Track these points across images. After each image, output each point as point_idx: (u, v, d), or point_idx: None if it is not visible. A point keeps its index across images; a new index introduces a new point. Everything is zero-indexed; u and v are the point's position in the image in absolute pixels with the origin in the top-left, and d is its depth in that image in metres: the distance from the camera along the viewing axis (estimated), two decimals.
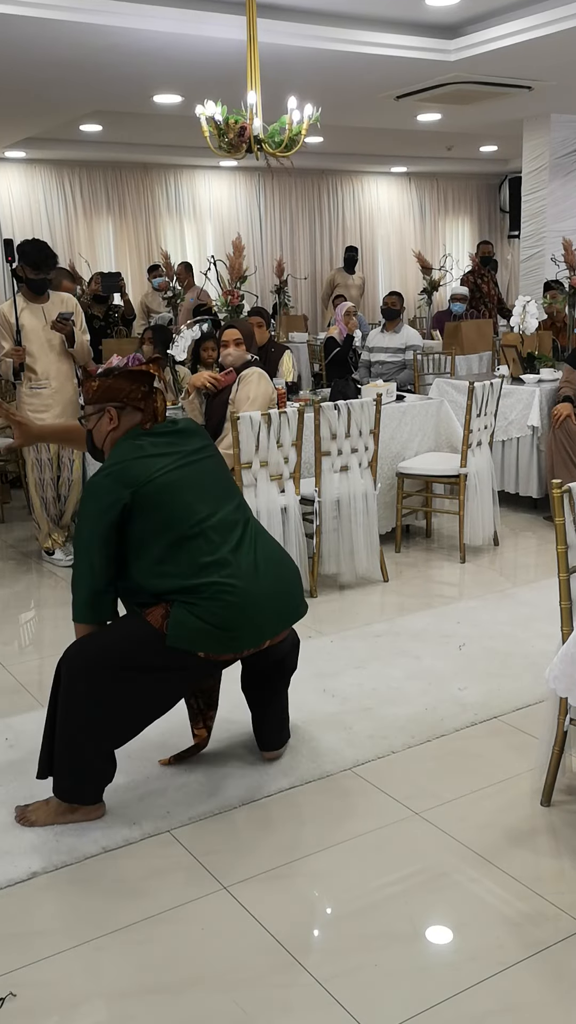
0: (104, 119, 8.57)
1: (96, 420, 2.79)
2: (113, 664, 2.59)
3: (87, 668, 2.59)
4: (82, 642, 2.67)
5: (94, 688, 2.58)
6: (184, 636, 2.57)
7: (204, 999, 2.06)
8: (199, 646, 2.59)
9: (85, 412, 2.83)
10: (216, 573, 2.61)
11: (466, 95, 7.41)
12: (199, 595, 2.59)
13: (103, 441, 2.80)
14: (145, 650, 2.60)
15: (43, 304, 5.08)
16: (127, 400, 2.75)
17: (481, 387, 5.00)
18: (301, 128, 4.85)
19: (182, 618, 2.57)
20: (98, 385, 2.77)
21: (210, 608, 2.58)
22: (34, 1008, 2.05)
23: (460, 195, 14.18)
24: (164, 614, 2.59)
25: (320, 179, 12.82)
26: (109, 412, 2.76)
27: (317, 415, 4.45)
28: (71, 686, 2.60)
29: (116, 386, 2.76)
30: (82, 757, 2.63)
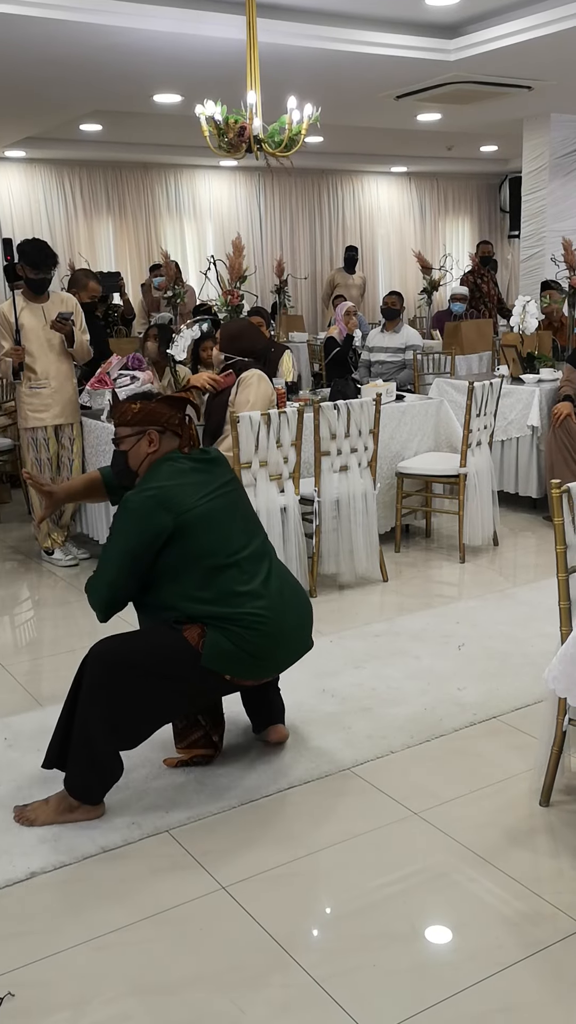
0: (104, 119, 8.57)
1: (134, 442, 2.82)
2: (141, 668, 2.64)
3: (115, 667, 2.63)
4: (112, 641, 2.71)
5: (118, 688, 2.62)
6: (219, 658, 2.66)
7: (202, 999, 2.06)
8: (229, 669, 2.69)
9: (119, 433, 2.84)
10: (250, 603, 2.71)
11: (466, 95, 7.41)
12: (236, 623, 2.68)
13: (140, 463, 2.83)
14: (177, 663, 2.66)
15: (43, 304, 5.08)
16: (167, 424, 2.82)
17: (481, 387, 5.00)
18: (301, 128, 4.85)
19: (219, 641, 2.66)
20: (139, 408, 2.82)
21: (246, 636, 2.68)
22: (33, 1008, 2.05)
23: (460, 195, 14.17)
24: (201, 633, 2.67)
25: (320, 179, 12.82)
26: (151, 435, 2.81)
27: (317, 415, 4.45)
28: (96, 683, 2.63)
29: (158, 410, 2.82)
30: (97, 754, 2.66)
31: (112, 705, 2.62)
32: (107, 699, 2.62)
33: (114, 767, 2.70)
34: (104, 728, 2.63)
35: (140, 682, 2.63)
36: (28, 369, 5.05)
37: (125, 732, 2.69)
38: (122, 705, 2.63)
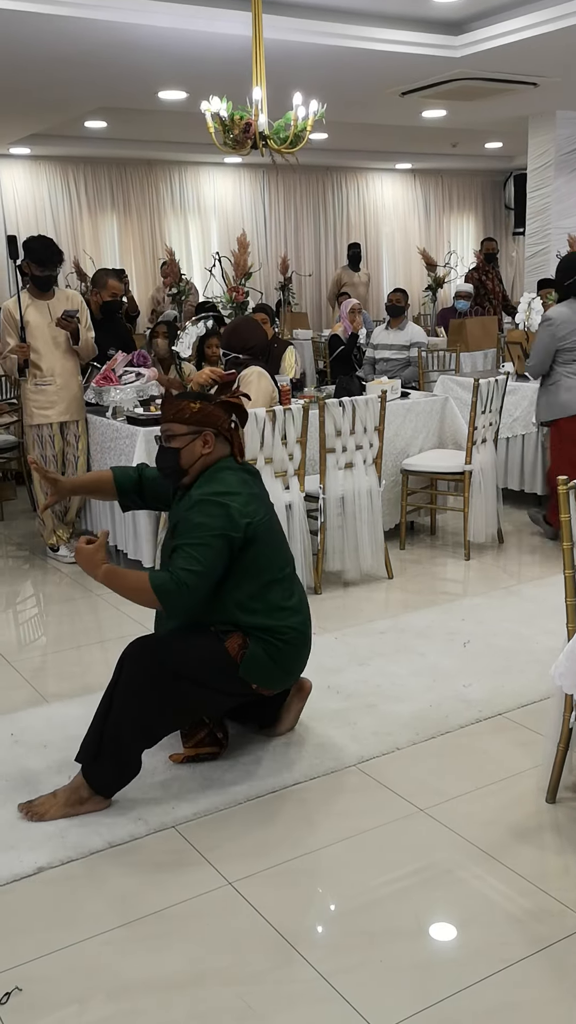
0: (109, 116, 8.57)
1: (189, 441, 2.81)
2: (178, 673, 2.67)
3: (153, 669, 2.66)
4: (150, 642, 2.73)
5: (154, 690, 2.65)
6: (254, 669, 2.77)
7: (209, 994, 2.06)
8: (260, 680, 2.80)
9: (174, 430, 2.83)
10: (291, 619, 2.85)
11: (471, 91, 7.40)
12: (279, 636, 2.80)
13: (193, 463, 2.83)
14: (213, 670, 2.72)
15: (48, 301, 5.08)
16: (221, 428, 2.84)
17: (486, 384, 5.00)
18: (306, 124, 4.84)
19: (258, 655, 2.76)
20: (199, 408, 2.83)
21: (284, 650, 2.82)
22: (40, 1003, 2.05)
23: (465, 192, 14.16)
24: (242, 644, 2.74)
25: (325, 176, 12.81)
26: (207, 436, 2.82)
27: (322, 412, 4.45)
28: (133, 684, 2.65)
29: (216, 413, 2.85)
30: (125, 753, 2.69)
31: (145, 707, 2.66)
32: (142, 701, 2.65)
33: (137, 765, 2.74)
34: (135, 728, 2.67)
35: (174, 685, 2.67)
36: (33, 366, 5.06)
37: (152, 732, 2.73)
38: (154, 707, 2.67)
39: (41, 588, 4.93)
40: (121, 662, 2.71)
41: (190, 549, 2.65)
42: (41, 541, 5.44)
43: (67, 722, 3.24)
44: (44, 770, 2.94)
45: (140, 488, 3.10)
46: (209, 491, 2.74)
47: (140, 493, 3.10)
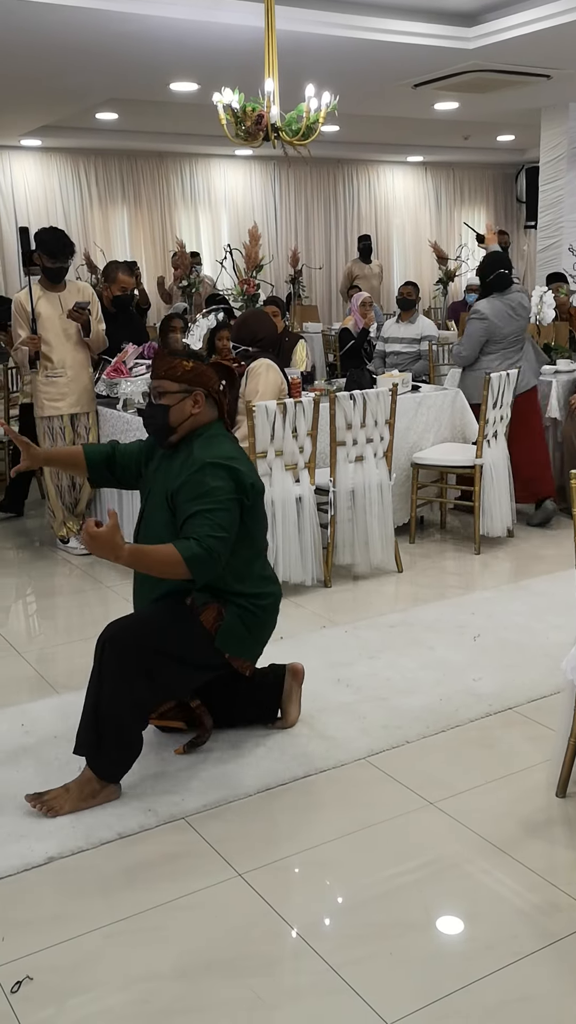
0: (120, 107, 8.56)
1: (179, 399, 2.81)
2: (156, 647, 2.68)
3: (135, 648, 2.67)
4: (127, 622, 2.75)
5: (140, 667, 2.66)
6: (230, 640, 2.81)
7: (218, 984, 2.07)
8: (235, 650, 2.84)
9: (165, 387, 2.82)
10: (272, 587, 2.93)
11: (484, 83, 7.36)
12: (259, 603, 2.86)
13: (181, 422, 2.83)
14: (190, 644, 2.75)
15: (59, 293, 5.08)
16: (211, 390, 2.85)
17: (497, 378, 4.98)
18: (319, 116, 4.83)
19: (234, 625, 2.80)
20: (193, 367, 2.83)
21: (262, 619, 2.88)
22: (50, 992, 2.06)
23: (476, 185, 14.10)
24: (216, 616, 2.77)
25: (336, 168, 12.78)
26: (197, 396, 2.82)
27: (333, 405, 4.44)
28: (120, 665, 2.65)
29: (208, 373, 2.86)
30: (127, 734, 2.72)
31: (136, 687, 2.66)
32: (131, 682, 2.65)
33: (139, 745, 2.77)
34: (131, 709, 2.69)
35: (156, 661, 2.68)
36: (44, 358, 5.06)
37: (147, 710, 2.76)
38: (144, 686, 2.68)
39: (51, 580, 4.94)
40: (101, 646, 2.70)
41: (211, 515, 2.63)
42: (51, 533, 5.45)
43: (77, 713, 3.19)
44: (54, 760, 2.95)
45: (111, 463, 3.06)
46: (216, 455, 2.74)
47: (111, 468, 3.06)
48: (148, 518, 2.90)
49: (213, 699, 3.06)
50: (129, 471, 3.06)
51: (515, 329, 5.43)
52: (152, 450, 3.01)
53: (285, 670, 3.16)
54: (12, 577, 5.00)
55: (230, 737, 3.08)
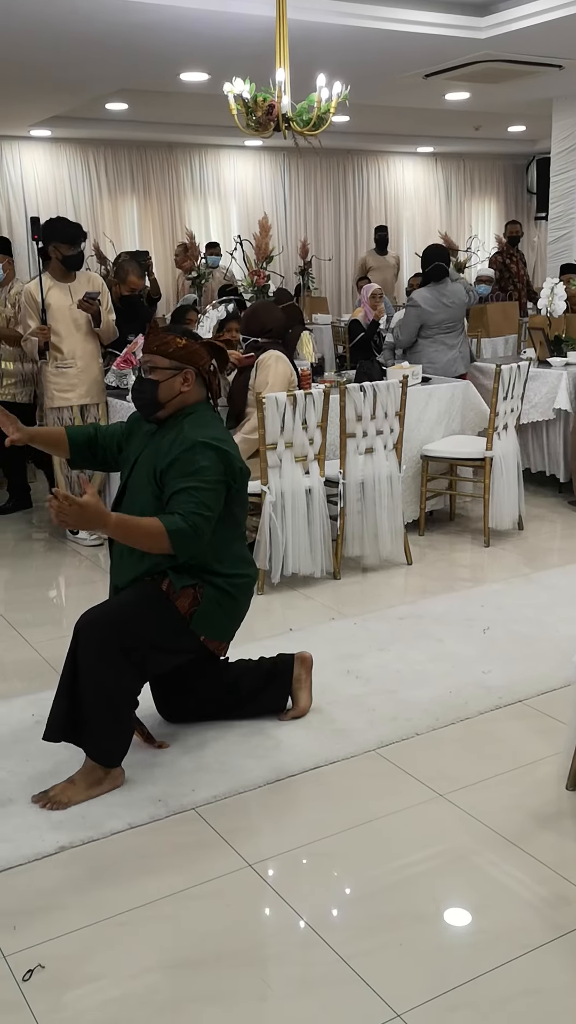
0: (130, 97, 8.54)
1: (169, 375, 2.82)
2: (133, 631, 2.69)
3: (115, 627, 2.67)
4: (104, 607, 2.76)
5: (119, 651, 2.67)
6: (206, 623, 2.83)
7: (229, 974, 2.08)
8: (210, 632, 2.85)
9: (157, 362, 2.82)
10: (247, 568, 2.95)
11: (495, 74, 7.32)
12: (236, 583, 2.87)
13: (170, 399, 2.83)
14: (165, 629, 2.76)
15: (70, 283, 5.08)
16: (202, 369, 2.86)
17: (508, 370, 4.96)
18: (330, 106, 4.80)
19: (209, 608, 2.81)
20: (185, 345, 2.83)
21: (238, 599, 2.89)
22: (61, 980, 2.07)
23: (487, 176, 14.03)
24: (192, 601, 2.78)
25: (345, 159, 12.73)
26: (187, 375, 2.83)
27: (343, 396, 4.44)
28: (100, 649, 2.65)
29: (199, 352, 2.87)
30: (121, 713, 2.73)
31: (120, 671, 2.68)
32: (112, 664, 2.66)
33: (132, 724, 2.81)
34: (118, 691, 2.69)
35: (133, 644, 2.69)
36: (54, 349, 5.06)
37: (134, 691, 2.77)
38: (126, 668, 2.69)
39: (61, 570, 4.95)
40: (76, 633, 2.70)
41: (197, 493, 2.66)
42: None
43: None
44: (63, 749, 2.95)
45: (93, 445, 3.05)
46: (206, 435, 2.76)
47: (92, 450, 3.06)
48: (132, 494, 2.88)
49: (219, 692, 3.07)
50: (111, 452, 3.06)
51: (448, 317, 5.94)
52: (133, 427, 3.01)
53: (293, 659, 3.17)
54: (22, 567, 5.01)
55: (240, 729, 3.08)
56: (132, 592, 2.79)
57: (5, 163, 10.55)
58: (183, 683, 3.05)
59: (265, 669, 3.14)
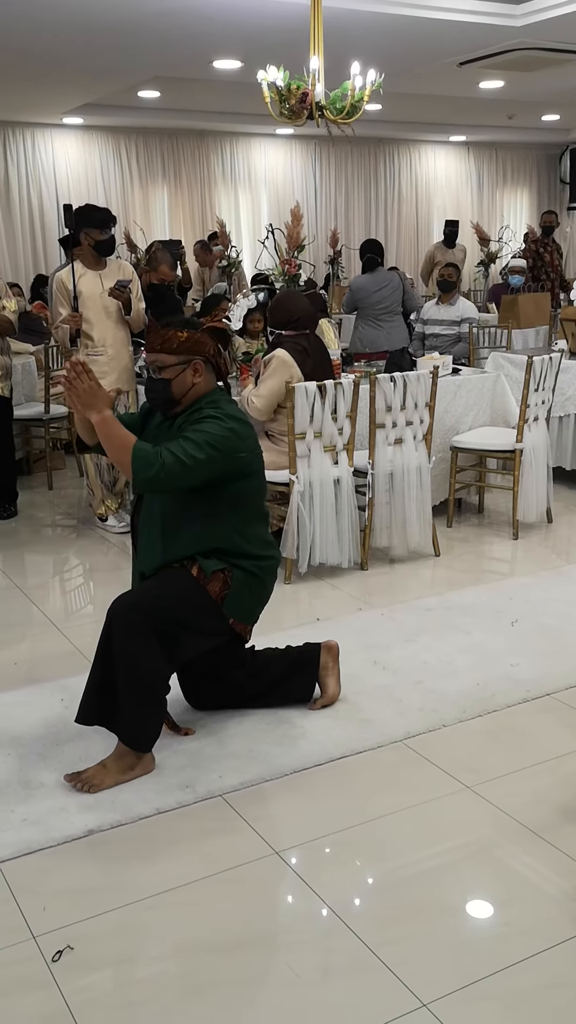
0: (162, 85, 8.53)
1: (179, 371, 2.82)
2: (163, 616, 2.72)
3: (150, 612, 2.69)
4: (138, 592, 2.79)
5: (153, 636, 2.69)
6: (237, 606, 2.85)
7: (255, 959, 2.09)
8: (240, 615, 2.88)
9: (164, 361, 2.82)
10: (272, 550, 2.97)
11: (530, 62, 7.25)
12: (262, 566, 2.89)
13: (185, 393, 2.84)
14: (197, 613, 2.79)
15: (101, 271, 5.10)
16: (208, 356, 2.86)
17: (540, 361, 4.93)
18: (363, 94, 4.78)
19: (239, 591, 2.84)
20: (187, 337, 2.83)
21: (265, 581, 2.92)
22: (90, 961, 2.10)
23: (519, 165, 13.90)
24: (222, 585, 2.80)
25: (377, 148, 12.65)
26: (197, 365, 2.83)
27: (373, 387, 4.42)
28: (133, 635, 2.67)
29: (203, 340, 2.87)
30: (160, 695, 2.76)
31: (153, 655, 2.70)
32: (146, 649, 2.68)
33: (164, 710, 2.84)
34: (152, 676, 2.72)
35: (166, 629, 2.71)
36: (85, 336, 5.08)
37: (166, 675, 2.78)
38: (159, 653, 2.71)
39: (89, 557, 4.98)
40: (109, 620, 2.72)
41: (187, 444, 2.69)
42: (90, 510, 5.50)
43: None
44: (93, 734, 2.98)
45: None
46: (220, 412, 2.78)
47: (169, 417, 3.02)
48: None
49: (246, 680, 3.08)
50: None
51: (379, 299, 7.03)
52: (146, 419, 3.02)
53: (320, 647, 3.17)
54: (51, 554, 5.05)
55: (267, 717, 3.10)
56: (164, 578, 2.81)
57: (38, 151, 10.58)
58: (211, 670, 3.06)
59: (292, 658, 3.15)
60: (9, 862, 2.42)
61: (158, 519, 2.83)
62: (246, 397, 4.46)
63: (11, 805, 2.65)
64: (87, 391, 2.70)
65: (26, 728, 3.08)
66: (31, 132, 10.49)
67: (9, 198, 10.53)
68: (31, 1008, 1.97)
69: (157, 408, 2.92)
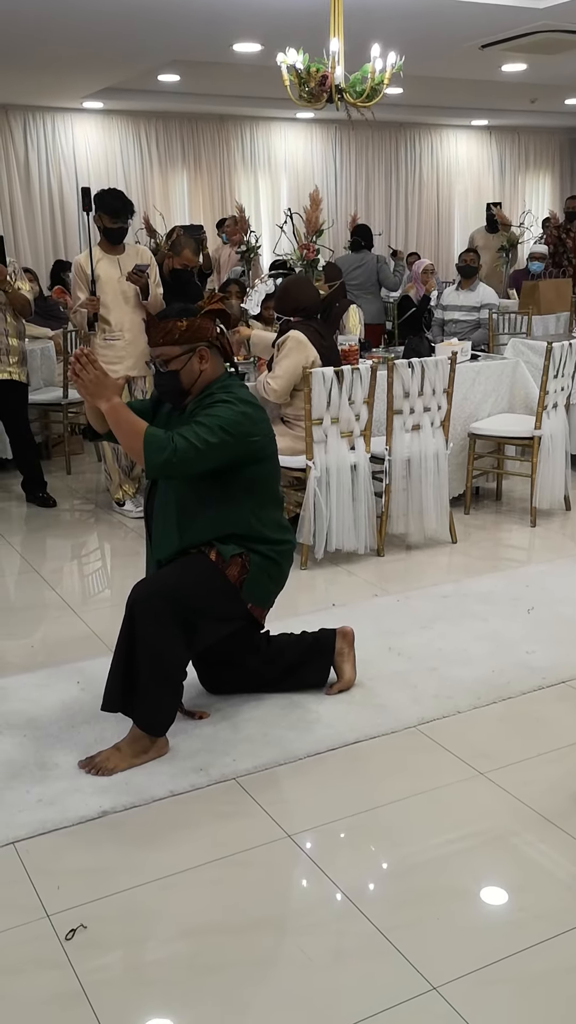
0: (182, 69, 8.50)
1: (186, 361, 2.81)
2: (183, 602, 2.72)
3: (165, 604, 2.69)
4: (158, 579, 2.79)
5: (173, 622, 2.70)
6: (256, 591, 2.87)
7: (267, 941, 2.10)
8: (259, 599, 2.89)
9: (168, 353, 2.81)
10: (288, 535, 2.96)
11: (553, 44, 7.16)
12: (279, 550, 2.90)
13: (194, 382, 2.83)
14: (216, 598, 2.80)
15: (119, 256, 5.10)
16: (211, 340, 2.84)
17: (560, 347, 4.89)
18: (383, 77, 4.75)
19: (257, 576, 2.84)
20: (187, 325, 2.80)
21: (281, 565, 2.93)
22: (103, 941, 2.11)
23: (542, 150, 13.77)
24: (240, 570, 2.80)
25: (398, 132, 12.56)
26: (202, 352, 2.82)
27: (390, 373, 4.41)
28: (154, 621, 2.68)
29: (204, 325, 2.84)
30: (172, 688, 2.77)
31: (171, 641, 2.71)
32: (166, 636, 2.69)
33: (180, 695, 2.85)
34: (169, 662, 2.73)
35: (186, 615, 2.72)
36: (103, 320, 5.09)
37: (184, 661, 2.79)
38: (179, 640, 2.72)
39: (107, 541, 5.00)
40: (131, 607, 2.72)
41: (199, 429, 2.67)
42: (107, 495, 5.52)
43: None
44: (108, 716, 2.99)
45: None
46: (232, 396, 2.78)
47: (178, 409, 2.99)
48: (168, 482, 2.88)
49: (261, 665, 3.09)
50: None
51: (354, 277, 7.87)
52: (157, 409, 3.01)
53: (335, 633, 3.18)
54: (69, 538, 5.08)
55: (282, 702, 3.10)
56: (183, 564, 2.81)
57: (58, 136, 10.57)
58: (227, 656, 3.07)
59: (307, 643, 3.16)
60: (24, 842, 2.44)
61: (173, 505, 2.83)
62: (261, 382, 4.46)
63: (27, 786, 2.67)
64: (94, 381, 2.70)
65: (42, 710, 3.11)
66: (51, 117, 10.48)
67: (30, 183, 10.54)
68: (44, 986, 1.99)
69: (169, 401, 2.91)
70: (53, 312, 7.55)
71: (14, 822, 2.51)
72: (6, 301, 5.19)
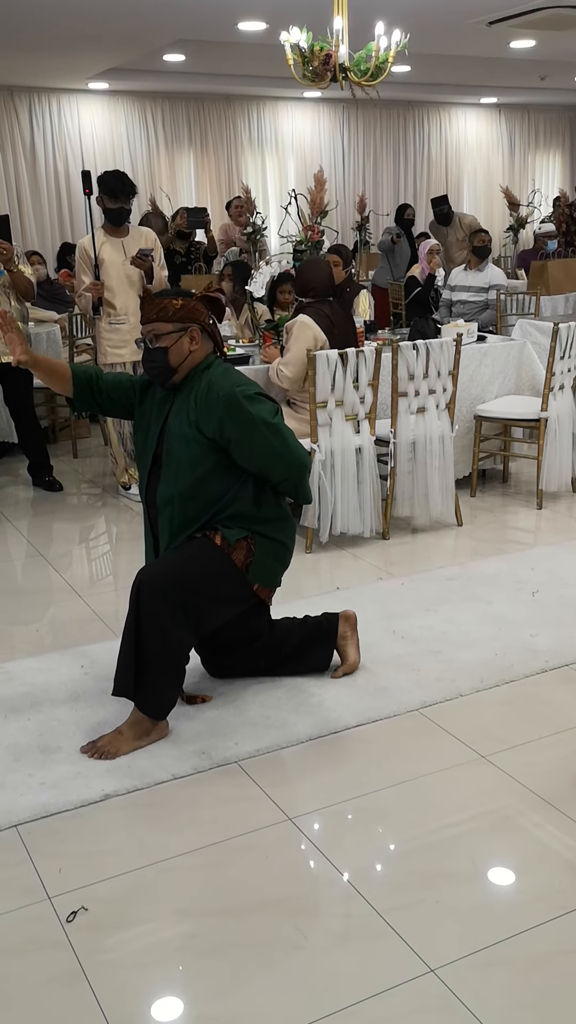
0: (187, 48, 8.44)
1: (176, 339, 2.81)
2: (189, 586, 2.74)
3: (171, 589, 2.71)
4: (164, 563, 2.80)
5: (178, 606, 2.72)
6: (262, 573, 2.89)
7: (266, 923, 2.11)
8: (265, 581, 2.92)
9: (160, 329, 2.81)
10: (287, 514, 2.98)
11: (563, 20, 7.08)
12: (283, 533, 2.93)
13: (182, 361, 2.83)
14: (223, 581, 2.81)
15: (123, 239, 5.08)
16: (204, 324, 2.85)
17: (567, 328, 4.85)
18: (388, 55, 4.70)
19: (262, 558, 2.87)
20: (182, 305, 2.82)
21: (287, 546, 2.96)
22: (104, 923, 2.13)
23: (552, 128, 13.64)
24: (246, 553, 2.83)
25: (406, 111, 12.46)
26: (193, 333, 2.82)
27: (395, 355, 4.38)
28: (159, 605, 2.70)
29: (198, 308, 2.85)
30: (172, 671, 2.78)
31: (176, 625, 2.72)
32: (170, 620, 2.71)
33: (183, 679, 2.87)
34: (173, 646, 2.74)
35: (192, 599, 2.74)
36: (107, 304, 5.07)
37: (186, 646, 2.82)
38: (182, 624, 2.74)
39: (113, 525, 5.01)
40: (136, 591, 2.73)
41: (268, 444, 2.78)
42: (113, 479, 5.52)
43: None
44: (112, 699, 3.01)
45: (94, 387, 3.00)
46: (240, 388, 2.78)
47: (93, 392, 3.01)
48: (170, 457, 2.85)
49: (264, 648, 3.10)
50: (114, 401, 3.02)
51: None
52: (144, 394, 2.98)
53: (338, 617, 3.18)
54: (74, 523, 5.09)
55: (285, 685, 3.11)
56: (188, 548, 2.82)
57: (63, 117, 10.53)
58: (230, 640, 3.07)
59: (310, 627, 3.16)
60: (26, 824, 2.46)
61: (175, 491, 2.83)
62: (274, 370, 4.44)
63: (29, 769, 2.69)
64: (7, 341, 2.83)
65: (46, 694, 3.12)
66: (56, 98, 10.43)
67: (36, 165, 10.51)
68: (45, 967, 2.01)
69: (155, 379, 2.88)
70: (59, 295, 7.53)
71: (17, 805, 2.53)
72: (10, 283, 5.17)
